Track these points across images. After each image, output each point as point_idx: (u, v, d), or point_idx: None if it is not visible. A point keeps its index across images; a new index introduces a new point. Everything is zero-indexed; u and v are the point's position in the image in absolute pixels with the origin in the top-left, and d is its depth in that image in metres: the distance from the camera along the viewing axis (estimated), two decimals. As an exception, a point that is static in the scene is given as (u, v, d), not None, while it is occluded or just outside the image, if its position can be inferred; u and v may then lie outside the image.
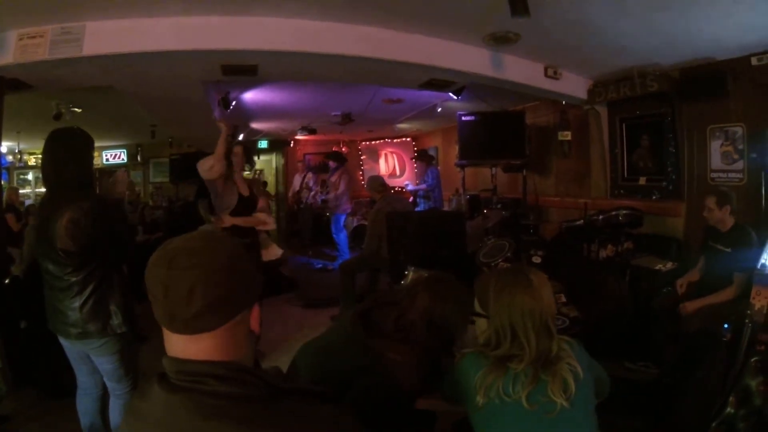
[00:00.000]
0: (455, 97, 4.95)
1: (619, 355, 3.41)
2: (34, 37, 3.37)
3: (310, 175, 8.54)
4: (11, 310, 3.56)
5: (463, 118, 5.88)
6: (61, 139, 2.33)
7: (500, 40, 3.68)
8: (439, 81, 4.42)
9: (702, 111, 4.03)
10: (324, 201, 8.02)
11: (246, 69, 3.97)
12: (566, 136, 5.46)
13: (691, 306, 3.11)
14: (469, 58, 3.94)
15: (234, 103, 5.56)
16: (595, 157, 5.21)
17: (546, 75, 4.35)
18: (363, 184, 10.11)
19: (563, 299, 3.32)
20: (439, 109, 6.37)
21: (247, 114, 7.04)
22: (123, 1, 3.12)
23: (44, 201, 2.40)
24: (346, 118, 7.25)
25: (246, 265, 0.93)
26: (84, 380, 2.47)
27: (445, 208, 7.54)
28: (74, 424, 2.55)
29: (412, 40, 3.72)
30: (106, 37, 3.36)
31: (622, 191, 4.89)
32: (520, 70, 4.21)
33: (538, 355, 1.38)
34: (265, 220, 3.90)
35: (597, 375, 1.53)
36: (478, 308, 1.54)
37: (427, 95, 5.43)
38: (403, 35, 3.70)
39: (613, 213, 4.31)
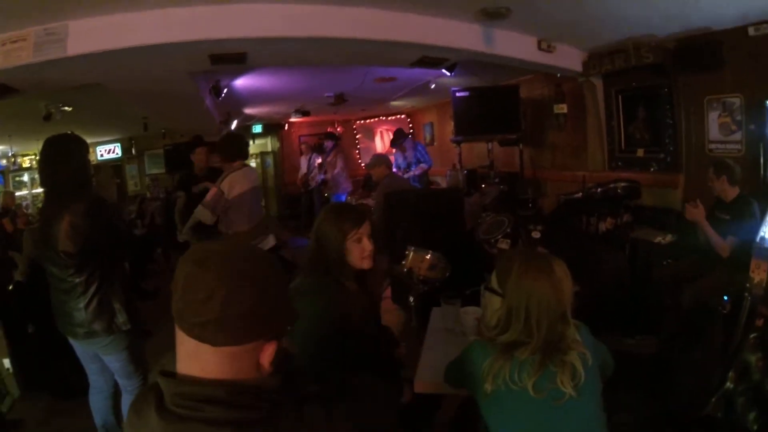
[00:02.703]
0: (448, 74, 4.89)
1: (618, 329, 3.43)
2: (16, 41, 3.31)
3: (314, 156, 8.45)
4: (18, 314, 3.60)
5: (457, 94, 5.83)
6: (55, 145, 2.36)
7: (491, 15, 3.60)
8: (431, 59, 4.34)
9: (699, 82, 3.97)
10: (323, 181, 8.02)
11: (234, 57, 3.90)
12: (562, 108, 5.41)
13: (695, 211, 3.16)
14: (461, 34, 3.87)
15: (225, 90, 5.50)
16: (591, 129, 5.16)
17: (539, 48, 4.27)
18: (360, 163, 10.23)
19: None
20: (433, 86, 6.29)
21: (239, 100, 6.98)
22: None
23: (43, 206, 2.45)
24: (339, 99, 7.17)
25: (278, 297, 0.88)
26: (95, 379, 2.52)
27: (441, 184, 7.50)
28: (87, 423, 2.60)
29: (402, 19, 3.65)
30: (90, 35, 3.29)
31: (619, 163, 4.86)
32: (513, 44, 4.13)
33: (546, 343, 1.39)
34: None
35: (603, 358, 1.54)
36: (494, 285, 1.54)
37: (420, 72, 5.36)
38: (393, 14, 3.62)
39: (611, 185, 4.29)
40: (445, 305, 2.27)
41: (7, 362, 3.50)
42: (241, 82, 5.76)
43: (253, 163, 10.73)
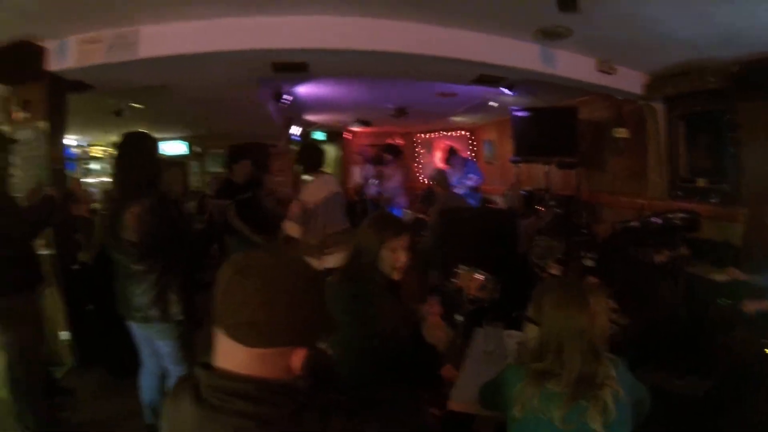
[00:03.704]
0: (509, 92, 4.86)
1: (667, 367, 3.28)
2: (92, 42, 3.59)
3: (370, 167, 8.45)
4: (80, 293, 3.84)
5: (517, 114, 5.76)
6: (130, 141, 2.55)
7: (550, 35, 3.58)
8: (489, 77, 4.35)
9: (764, 109, 3.74)
10: (378, 193, 8.00)
11: (296, 66, 4.05)
12: (621, 133, 5.25)
13: (752, 305, 2.95)
14: (519, 53, 3.86)
15: (287, 97, 5.69)
16: (651, 155, 4.97)
17: (599, 70, 4.18)
18: (419, 176, 10.24)
19: (613, 305, 3.22)
20: (493, 104, 6.26)
21: (301, 107, 7.15)
22: (174, 6, 3.27)
23: (113, 197, 2.60)
24: (401, 112, 7.29)
25: (312, 307, 0.93)
26: (147, 360, 2.68)
27: (499, 204, 7.43)
28: (134, 400, 2.76)
29: (460, 36, 3.68)
30: (159, 40, 3.53)
31: (679, 192, 4.65)
32: (572, 65, 4.07)
33: (579, 377, 1.37)
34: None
35: (638, 397, 1.50)
36: (532, 314, 1.55)
37: (481, 89, 5.34)
38: (452, 31, 3.66)
39: (670, 215, 4.11)
40: (489, 327, 2.27)
41: (64, 334, 3.79)
42: (303, 89, 5.91)
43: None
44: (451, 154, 7.27)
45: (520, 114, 5.77)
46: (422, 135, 10.51)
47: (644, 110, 4.82)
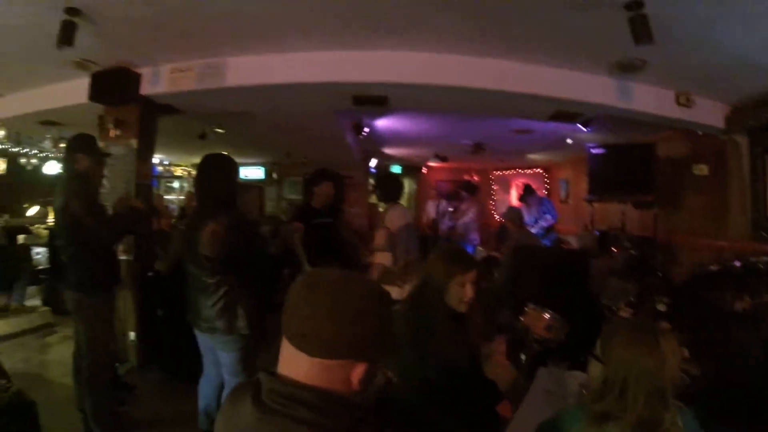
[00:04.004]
0: (584, 129, 4.77)
1: (741, 422, 3.00)
2: (183, 70, 3.92)
3: (444, 202, 8.32)
4: (151, 299, 4.10)
5: (593, 151, 5.62)
6: (212, 162, 2.71)
7: (626, 68, 3.51)
8: (565, 113, 4.33)
9: None
10: (452, 228, 7.84)
11: (376, 100, 4.20)
12: (702, 170, 4.98)
13: None
14: (595, 88, 3.81)
15: (367, 129, 5.86)
16: (733, 193, 4.66)
17: (677, 103, 4.02)
18: (494, 214, 10.17)
19: (686, 354, 3.01)
20: (569, 141, 6.16)
21: (380, 140, 7.33)
22: (260, 40, 3.50)
23: (193, 213, 2.80)
24: (478, 148, 7.34)
25: (375, 326, 0.95)
26: (209, 368, 2.78)
27: (572, 244, 7.23)
28: (191, 404, 2.87)
29: (536, 72, 3.70)
30: (245, 70, 3.78)
31: (763, 233, 4.29)
32: (649, 98, 3.95)
33: (641, 421, 1.29)
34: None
35: None
36: (598, 351, 1.49)
37: (556, 126, 5.30)
38: (528, 66, 3.68)
39: (753, 259, 3.82)
40: (552, 367, 2.21)
41: (132, 335, 4.06)
42: (382, 123, 6.06)
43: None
44: (526, 193, 7.23)
45: (595, 151, 5.62)
46: (498, 172, 10.49)
47: (725, 145, 4.56)
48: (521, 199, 7.32)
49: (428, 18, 3.08)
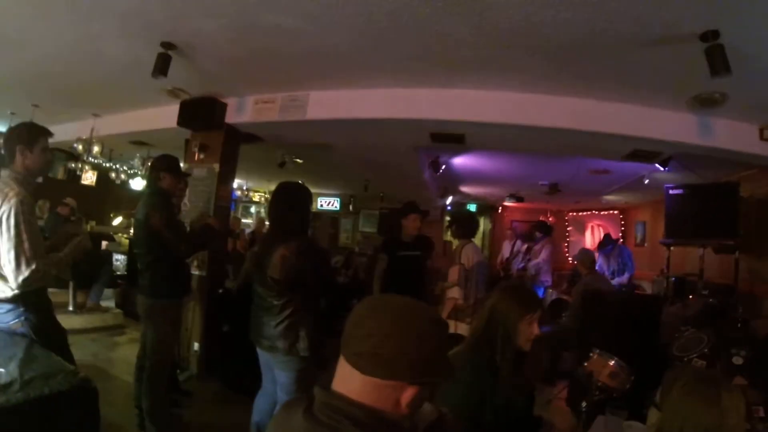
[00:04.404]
0: (662, 169, 4.56)
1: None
2: (267, 102, 4.20)
3: (519, 242, 8.23)
4: (219, 314, 4.34)
5: (671, 192, 5.29)
6: (287, 189, 2.84)
7: (705, 102, 3.34)
8: (643, 152, 4.17)
9: None
10: (523, 269, 7.75)
11: (454, 137, 4.28)
12: (790, 212, 4.56)
13: None
14: (672, 124, 3.65)
15: (444, 167, 5.92)
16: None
17: (761, 138, 3.70)
18: (567, 256, 9.86)
19: (761, 413, 2.73)
20: (646, 181, 5.87)
21: (456, 177, 7.38)
22: (341, 76, 3.68)
23: (266, 236, 2.94)
24: (554, 189, 7.23)
25: (430, 351, 0.97)
26: (267, 384, 2.87)
27: (647, 290, 6.83)
28: (244, 416, 2.94)
29: (612, 109, 3.62)
30: (326, 104, 3.98)
31: None
32: (731, 134, 3.69)
33: None
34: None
35: None
36: (658, 399, 1.41)
37: (634, 166, 5.13)
38: (603, 104, 3.62)
39: None
40: (611, 415, 2.10)
41: (196, 345, 4.30)
42: (459, 161, 6.11)
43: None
44: (607, 242, 6.97)
45: (673, 191, 5.30)
46: (573, 213, 10.19)
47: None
48: (600, 247, 7.01)
49: (504, 58, 3.12)
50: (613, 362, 2.42)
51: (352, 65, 3.47)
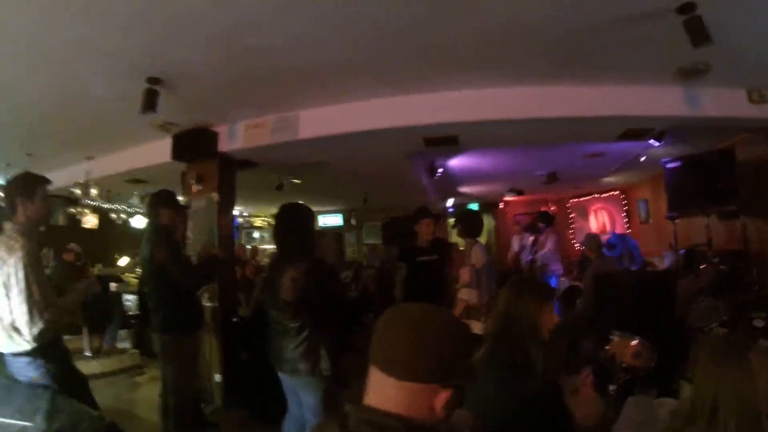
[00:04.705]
0: (657, 143, 4.57)
1: None
2: (257, 126, 4.22)
3: (527, 235, 8.17)
4: (236, 343, 4.30)
5: (668, 165, 5.31)
6: (289, 212, 2.88)
7: (690, 74, 3.37)
8: (634, 130, 4.19)
9: None
10: (532, 261, 7.70)
11: (447, 140, 4.29)
12: (788, 169, 4.55)
13: None
14: (661, 99, 3.68)
15: (441, 170, 5.94)
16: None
17: (750, 101, 3.74)
18: (574, 243, 9.82)
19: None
20: (643, 158, 5.87)
21: (454, 179, 7.39)
22: (329, 91, 3.70)
23: (273, 260, 2.95)
24: (552, 177, 7.25)
25: (456, 352, 1.02)
26: (293, 409, 2.85)
27: (658, 265, 6.80)
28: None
29: (599, 93, 3.65)
30: (316, 122, 4.00)
31: None
32: (719, 101, 3.72)
33: None
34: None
35: None
36: (690, 372, 1.40)
37: (629, 145, 5.12)
38: (591, 89, 3.65)
39: None
40: (640, 395, 2.08)
41: (218, 376, 4.25)
42: (455, 162, 6.12)
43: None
44: (613, 243, 6.92)
45: (671, 165, 5.31)
46: (574, 200, 10.19)
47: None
48: (609, 249, 6.76)
49: (489, 55, 3.15)
50: (635, 342, 2.36)
51: (338, 79, 3.49)
